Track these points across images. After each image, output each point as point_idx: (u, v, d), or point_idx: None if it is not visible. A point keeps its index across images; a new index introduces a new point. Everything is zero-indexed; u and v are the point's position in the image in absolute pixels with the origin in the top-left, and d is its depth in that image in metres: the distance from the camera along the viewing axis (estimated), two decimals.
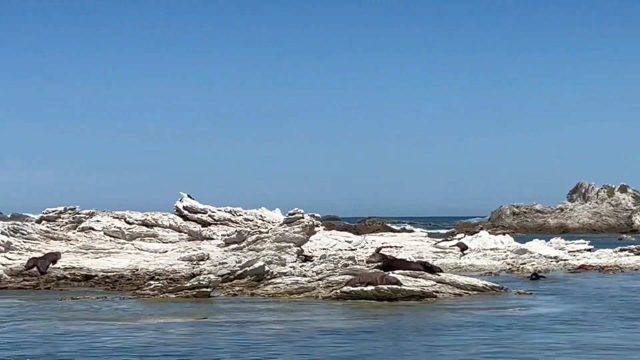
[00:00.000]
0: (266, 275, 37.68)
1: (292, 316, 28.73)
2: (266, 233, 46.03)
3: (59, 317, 28.12)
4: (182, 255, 45.25)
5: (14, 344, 22.51)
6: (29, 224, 51.00)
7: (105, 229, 49.97)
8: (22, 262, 44.74)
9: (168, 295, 34.06)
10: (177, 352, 21.08)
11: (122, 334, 24.42)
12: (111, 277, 43.07)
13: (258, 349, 21.85)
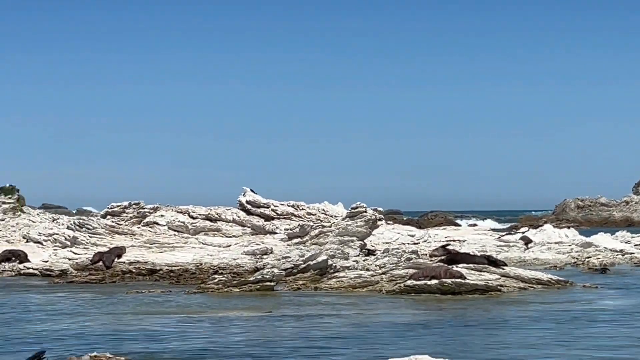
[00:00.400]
0: (329, 269, 37.70)
1: (356, 310, 28.72)
2: (329, 227, 46.05)
3: (123, 311, 28.39)
4: (245, 250, 45.45)
5: (80, 337, 22.76)
6: (94, 219, 51.60)
7: (170, 223, 50.37)
8: (87, 256, 45.26)
9: (232, 289, 34.22)
10: (242, 346, 21.17)
11: (187, 327, 24.58)
12: (175, 271, 43.41)
13: (322, 342, 21.86)
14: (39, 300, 32.24)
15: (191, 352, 19.99)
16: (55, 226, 53.90)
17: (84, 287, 37.45)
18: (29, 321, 26.15)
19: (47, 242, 49.06)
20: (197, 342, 21.59)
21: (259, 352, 20.15)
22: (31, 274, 43.67)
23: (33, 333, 23.50)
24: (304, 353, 20.18)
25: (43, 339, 22.29)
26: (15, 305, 30.63)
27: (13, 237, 51.74)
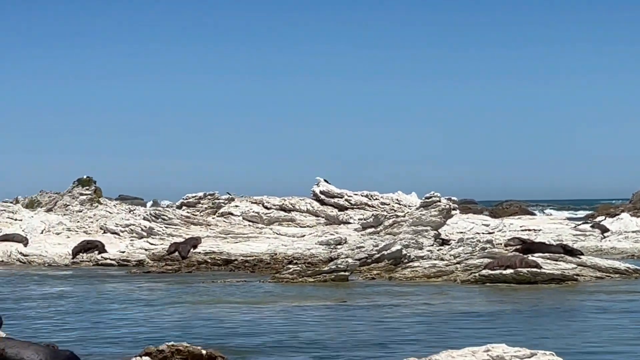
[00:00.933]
0: (404, 259, 37.67)
1: (431, 299, 28.66)
2: (403, 217, 45.98)
3: (199, 301, 28.66)
4: (319, 240, 45.58)
5: (157, 326, 23.02)
6: (170, 210, 52.15)
7: (244, 214, 50.71)
8: (163, 247, 45.79)
9: (306, 279, 34.36)
10: (316, 335, 21.24)
11: (262, 317, 24.74)
12: (250, 261, 43.70)
13: (397, 332, 21.86)
14: (116, 289, 32.70)
15: (266, 342, 20.12)
16: (131, 217, 54.53)
17: (160, 277, 37.89)
18: (107, 310, 26.54)
19: (123, 233, 49.71)
20: (271, 332, 21.72)
21: (333, 342, 20.21)
22: (108, 264, 44.33)
23: (111, 322, 23.84)
24: (377, 342, 20.20)
25: (121, 328, 22.61)
26: (94, 294, 31.11)
27: (91, 228, 52.43)
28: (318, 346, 19.53)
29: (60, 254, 46.51)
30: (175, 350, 17.25)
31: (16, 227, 52.27)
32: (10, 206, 59.23)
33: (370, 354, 18.49)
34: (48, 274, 40.54)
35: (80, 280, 37.16)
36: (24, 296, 30.60)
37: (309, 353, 18.62)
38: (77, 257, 45.71)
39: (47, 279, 37.83)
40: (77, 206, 60.41)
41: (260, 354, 18.42)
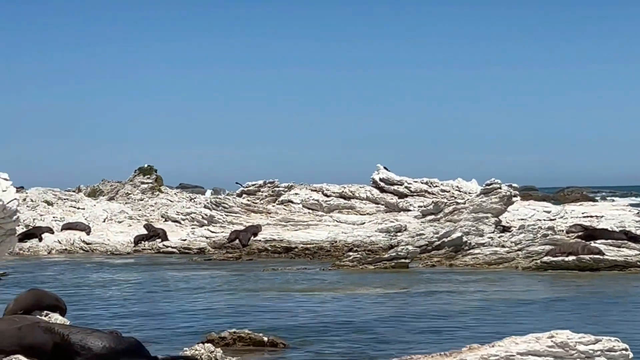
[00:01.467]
0: (464, 246, 37.51)
1: (492, 286, 28.52)
2: (463, 204, 45.74)
3: (260, 288, 28.75)
4: (379, 227, 45.51)
5: (219, 313, 23.13)
6: (231, 198, 52.37)
7: (304, 201, 50.77)
8: (224, 234, 46.02)
9: (367, 267, 34.34)
10: (377, 322, 21.22)
11: (322, 304, 24.76)
12: (310, 248, 43.78)
13: (458, 319, 21.77)
14: (177, 277, 32.92)
15: (326, 329, 20.13)
16: (192, 205, 54.93)
17: (221, 265, 38.09)
18: (169, 298, 26.72)
19: (184, 221, 50.04)
20: (332, 319, 21.72)
21: (394, 329, 20.17)
22: (170, 252, 44.67)
23: (172, 309, 24.00)
24: (438, 329, 20.13)
25: (182, 315, 22.76)
26: (155, 282, 31.35)
27: (152, 217, 52.88)
28: (378, 333, 19.50)
29: (122, 242, 46.95)
30: (237, 337, 17.35)
31: (79, 216, 52.85)
32: (72, 195, 59.90)
33: (431, 340, 18.42)
34: (110, 262, 40.96)
35: (142, 268, 37.48)
36: (87, 284, 30.93)
37: (369, 340, 18.59)
38: (138, 245, 46.12)
39: (109, 266, 38.21)
40: (138, 195, 60.97)
41: (321, 341, 18.43)
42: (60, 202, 56.31)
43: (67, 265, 38.90)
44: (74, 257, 43.85)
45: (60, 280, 31.95)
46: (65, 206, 55.72)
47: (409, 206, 50.05)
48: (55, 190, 58.97)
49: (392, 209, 50.24)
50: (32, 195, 56.84)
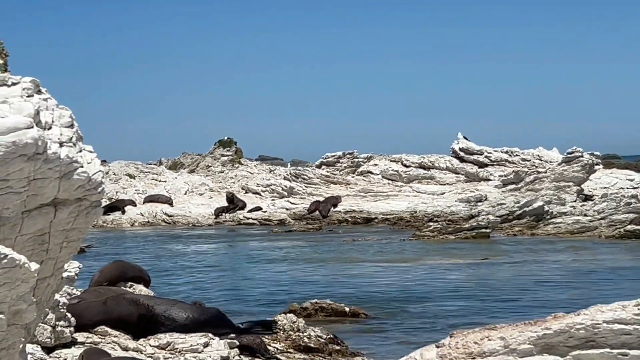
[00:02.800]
0: (546, 215, 37.15)
1: (575, 255, 28.21)
2: (544, 173, 45.30)
3: (341, 258, 28.81)
4: (459, 197, 45.29)
5: (300, 283, 23.22)
6: (310, 169, 52.50)
7: (383, 172, 50.69)
8: (304, 206, 46.17)
9: (447, 237, 34.21)
10: (460, 291, 21.14)
11: (404, 273, 24.72)
12: (390, 219, 43.74)
13: (541, 287, 21.58)
14: (258, 248, 33.12)
15: (408, 298, 20.09)
16: (272, 177, 55.14)
17: (301, 236, 38.20)
18: (250, 269, 26.88)
19: (264, 193, 50.29)
20: (413, 289, 21.69)
21: (476, 298, 20.07)
22: (250, 224, 44.95)
23: (254, 280, 24.15)
24: (521, 297, 19.98)
25: (264, 286, 22.89)
26: (236, 253, 31.58)
27: (232, 188, 53.18)
28: (460, 303, 19.42)
29: (204, 214, 47.36)
30: (319, 307, 17.40)
31: (160, 189, 53.40)
32: (154, 168, 60.53)
33: (515, 309, 18.30)
34: (192, 233, 41.35)
35: (223, 239, 37.79)
36: (169, 255, 31.27)
37: (450, 309, 18.53)
38: (219, 217, 46.49)
39: (191, 238, 38.58)
40: (218, 167, 61.35)
41: (402, 311, 18.41)
42: (142, 175, 56.94)
43: (150, 237, 39.36)
44: (157, 229, 44.36)
45: (143, 252, 32.36)
46: (147, 179, 56.32)
47: (489, 176, 49.70)
48: (137, 164, 59.64)
49: (472, 179, 49.94)
50: (115, 168, 57.56)
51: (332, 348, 13.58)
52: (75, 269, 12.93)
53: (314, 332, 14.00)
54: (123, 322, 12.84)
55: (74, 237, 5.85)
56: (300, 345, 13.57)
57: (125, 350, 12.15)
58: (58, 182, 5.42)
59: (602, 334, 5.51)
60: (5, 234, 5.31)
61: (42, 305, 6.04)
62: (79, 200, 5.67)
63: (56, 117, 5.53)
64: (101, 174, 5.70)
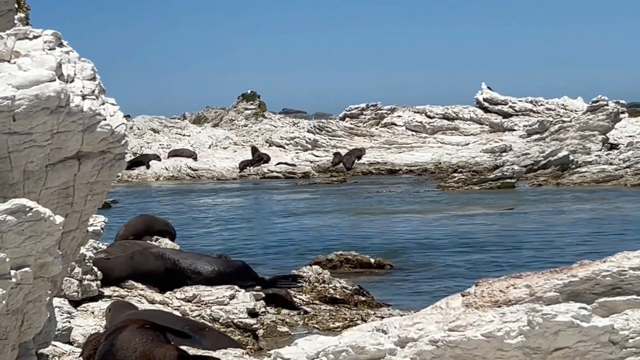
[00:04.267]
0: (571, 164, 37.02)
1: (601, 204, 28.10)
2: (569, 122, 45.09)
3: (366, 210, 28.81)
4: (484, 147, 45.16)
5: (325, 235, 23.24)
6: (333, 122, 52.42)
7: (407, 123, 50.56)
8: (328, 158, 46.16)
9: (472, 187, 34.15)
10: (485, 241, 21.11)
11: (430, 225, 24.71)
12: (415, 170, 43.70)
13: (567, 237, 21.54)
14: (284, 201, 33.16)
15: (433, 249, 20.10)
16: (295, 130, 55.09)
17: (326, 188, 38.21)
18: (275, 221, 26.94)
19: (288, 146, 50.29)
20: (438, 239, 21.68)
21: (501, 248, 20.05)
22: (275, 177, 44.99)
23: (279, 232, 24.21)
24: (547, 246, 19.97)
25: (289, 238, 22.93)
26: (262, 206, 31.65)
27: (256, 142, 53.21)
28: (485, 252, 19.41)
29: (228, 168, 47.42)
30: (344, 259, 17.42)
31: (184, 143, 53.47)
32: (178, 122, 60.56)
33: (540, 258, 18.27)
34: (217, 187, 41.44)
35: (248, 192, 37.86)
36: (194, 209, 31.37)
37: (476, 260, 18.52)
38: (244, 171, 46.56)
39: (216, 192, 38.66)
40: (242, 121, 61.33)
41: (428, 262, 18.42)
42: (166, 130, 57.00)
43: (175, 191, 39.49)
44: (181, 184, 44.51)
45: (168, 206, 32.48)
46: (171, 133, 56.38)
47: (514, 126, 49.49)
48: (160, 118, 59.67)
49: (496, 129, 49.75)
50: (139, 123, 57.62)
51: (357, 299, 13.62)
52: (100, 223, 12.98)
53: (340, 283, 14.04)
54: (150, 277, 12.92)
55: (98, 190, 5.86)
56: (326, 297, 13.62)
57: (151, 304, 12.24)
58: (81, 135, 5.42)
59: (628, 281, 5.50)
60: (29, 188, 5.32)
61: (68, 258, 6.07)
62: (102, 153, 5.67)
63: (78, 70, 5.52)
64: (124, 127, 5.69)
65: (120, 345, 8.20)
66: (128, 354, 8.17)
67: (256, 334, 11.67)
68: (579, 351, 4.94)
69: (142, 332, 8.39)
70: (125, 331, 8.36)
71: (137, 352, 8.18)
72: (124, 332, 8.33)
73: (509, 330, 5.01)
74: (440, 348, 5.10)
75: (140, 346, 8.22)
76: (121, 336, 8.30)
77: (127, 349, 8.18)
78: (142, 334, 8.35)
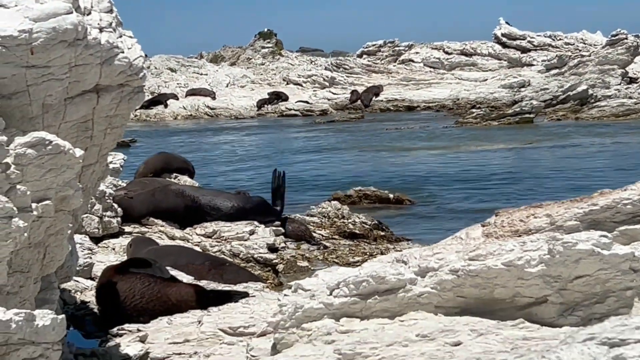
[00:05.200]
0: (590, 99, 36.85)
1: (620, 137, 28.00)
2: (588, 56, 44.77)
3: (384, 147, 28.80)
4: (502, 83, 44.92)
5: (344, 172, 23.26)
6: (351, 59, 52.21)
7: (425, 60, 50.33)
8: (345, 96, 46.04)
9: (491, 123, 34.04)
10: (505, 175, 21.10)
11: (449, 161, 24.70)
12: (433, 107, 43.58)
13: (587, 169, 21.50)
14: (302, 138, 33.15)
15: (452, 184, 20.10)
16: (313, 68, 54.92)
17: (344, 125, 38.17)
18: (293, 159, 26.96)
19: (306, 84, 50.17)
20: (457, 175, 21.67)
21: (521, 181, 20.03)
22: (293, 115, 44.95)
23: (297, 169, 24.23)
24: (566, 179, 19.95)
25: (307, 175, 22.96)
26: (280, 143, 31.64)
27: (274, 80, 53.11)
28: (505, 186, 19.40)
29: (246, 106, 47.39)
30: (363, 194, 17.45)
31: (202, 82, 53.41)
32: (195, 61, 60.43)
33: (560, 189, 18.25)
34: (234, 125, 41.45)
35: (266, 130, 37.87)
36: (213, 147, 31.41)
37: (496, 193, 18.52)
38: (262, 109, 46.51)
39: (233, 130, 38.69)
40: (259, 59, 61.16)
41: (447, 197, 18.43)
42: (184, 69, 56.92)
43: (193, 130, 39.53)
44: (199, 122, 44.53)
45: (187, 144, 32.52)
46: (189, 73, 56.31)
47: (532, 61, 49.20)
48: (178, 57, 59.57)
49: (514, 65, 49.47)
50: (156, 62, 57.54)
51: (377, 234, 13.66)
52: (120, 161, 13.03)
53: (359, 218, 14.08)
54: (170, 213, 12.98)
55: (117, 124, 5.86)
56: (345, 232, 13.67)
57: (172, 240, 12.31)
58: (99, 68, 5.40)
59: None
60: (49, 122, 5.32)
61: (88, 192, 6.09)
62: (121, 86, 5.66)
63: (95, 3, 5.49)
64: (142, 59, 5.67)
65: (125, 296, 8.14)
66: (136, 302, 8.12)
67: (276, 269, 11.75)
68: (599, 279, 4.94)
69: (135, 277, 8.26)
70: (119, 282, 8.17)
71: (145, 297, 8.13)
72: (119, 284, 8.16)
73: (530, 259, 5.00)
74: (461, 277, 5.11)
75: (147, 290, 8.16)
76: (120, 288, 8.14)
77: (134, 298, 8.13)
78: (139, 279, 8.24)
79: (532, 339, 4.73)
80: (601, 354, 3.47)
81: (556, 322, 4.95)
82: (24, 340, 4.47)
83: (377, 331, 5.04)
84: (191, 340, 7.24)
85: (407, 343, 4.85)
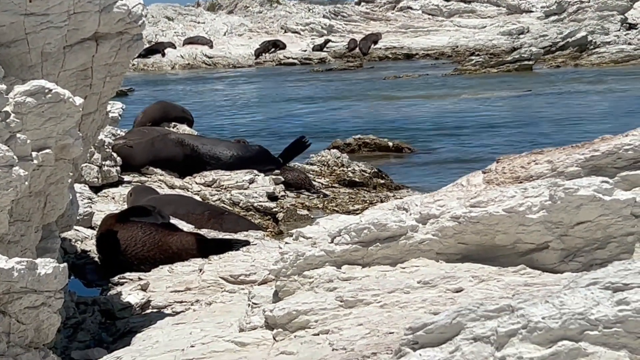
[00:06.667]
0: (589, 45, 36.72)
1: (620, 84, 27.95)
2: (587, 2, 44.52)
3: (384, 95, 28.74)
4: (501, 30, 44.73)
5: (342, 121, 23.24)
6: (349, 7, 51.94)
7: (423, 7, 50.03)
8: (344, 44, 45.84)
9: (489, 70, 33.93)
10: (504, 123, 21.08)
11: (447, 108, 24.66)
12: (431, 54, 43.41)
13: (587, 116, 21.47)
14: (300, 87, 33.08)
15: (452, 132, 20.09)
16: (311, 16, 54.61)
17: (342, 74, 38.07)
18: (291, 107, 26.91)
19: (304, 32, 49.92)
20: (456, 122, 21.64)
21: (521, 129, 20.02)
22: (291, 64, 44.78)
23: (295, 117, 24.21)
24: (567, 125, 19.94)
25: (305, 123, 22.94)
26: (278, 92, 31.55)
27: (271, 29, 52.81)
28: (505, 134, 19.40)
29: (244, 55, 47.18)
30: (362, 142, 17.44)
31: (199, 30, 53.12)
32: (192, 10, 60.06)
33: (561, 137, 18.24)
34: (232, 74, 41.33)
35: (264, 79, 37.77)
36: (211, 96, 31.35)
37: (495, 141, 18.52)
38: (260, 58, 46.33)
39: (231, 78, 38.58)
40: (257, 7, 60.78)
41: (447, 145, 18.43)
42: (181, 17, 56.59)
43: (191, 79, 39.42)
44: (197, 71, 44.39)
45: (185, 93, 32.46)
46: (186, 21, 55.99)
47: (531, 7, 48.92)
48: (175, 6, 59.18)
49: (513, 11, 49.19)
50: (153, 11, 57.17)
51: (376, 182, 13.66)
52: (118, 110, 12.99)
53: (358, 166, 14.08)
54: (170, 163, 12.98)
55: (116, 72, 5.83)
56: (345, 180, 13.67)
57: (172, 189, 12.31)
58: (98, 15, 5.37)
59: None
60: (48, 70, 5.30)
61: (88, 140, 6.08)
62: (120, 34, 5.62)
63: None
64: (141, 7, 5.64)
65: (126, 245, 8.15)
66: (137, 250, 8.13)
67: (276, 217, 11.75)
68: (600, 225, 4.93)
69: (136, 225, 8.28)
70: (120, 231, 8.21)
71: (146, 245, 8.14)
72: (120, 233, 8.19)
73: (531, 205, 4.99)
74: (462, 224, 5.10)
75: (148, 239, 8.17)
76: (120, 236, 8.16)
77: (135, 246, 8.15)
78: (140, 227, 8.26)
79: (534, 284, 4.74)
80: (605, 298, 3.47)
81: (557, 268, 4.96)
82: (26, 289, 4.49)
83: (379, 278, 5.05)
84: (192, 288, 7.27)
85: (408, 290, 4.86)
